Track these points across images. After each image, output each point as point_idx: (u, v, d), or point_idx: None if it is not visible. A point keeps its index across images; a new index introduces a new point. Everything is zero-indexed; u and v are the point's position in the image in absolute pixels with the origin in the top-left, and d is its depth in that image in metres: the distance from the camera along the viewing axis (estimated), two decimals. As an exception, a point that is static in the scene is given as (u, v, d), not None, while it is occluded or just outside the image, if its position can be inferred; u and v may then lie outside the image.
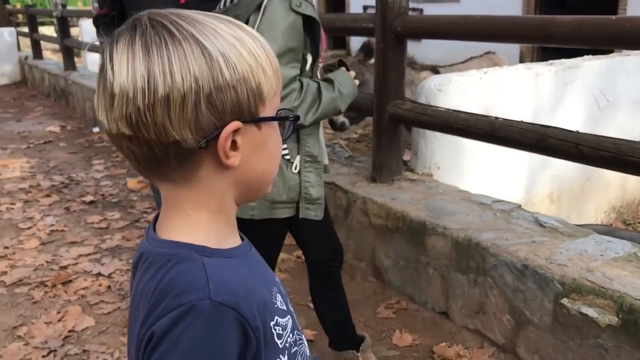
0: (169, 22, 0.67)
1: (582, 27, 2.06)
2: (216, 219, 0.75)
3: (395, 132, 3.18)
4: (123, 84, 0.65)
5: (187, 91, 0.65)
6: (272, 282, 0.79)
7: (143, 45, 0.66)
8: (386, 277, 3.06)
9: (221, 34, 0.68)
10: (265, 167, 0.76)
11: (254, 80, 0.69)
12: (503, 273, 2.39)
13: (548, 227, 2.58)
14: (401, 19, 2.91)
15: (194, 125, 0.67)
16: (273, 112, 0.75)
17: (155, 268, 0.70)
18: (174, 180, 0.72)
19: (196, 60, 0.65)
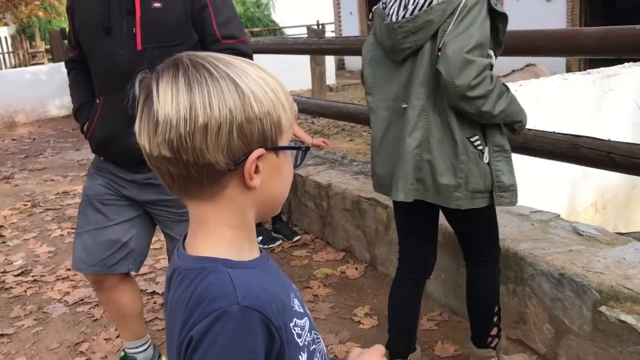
0: (207, 62, 0.79)
1: (608, 38, 2.10)
2: (238, 234, 0.85)
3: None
4: (168, 113, 0.76)
5: (223, 121, 0.77)
6: (289, 288, 0.89)
7: (186, 81, 0.77)
8: (428, 290, 3.11)
9: (250, 74, 0.80)
10: (279, 189, 0.87)
11: (276, 114, 0.81)
12: (541, 282, 2.42)
13: (586, 235, 2.59)
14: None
15: (227, 150, 0.78)
16: (287, 142, 0.86)
17: (187, 281, 0.81)
18: (203, 199, 0.83)
19: (231, 95, 0.77)
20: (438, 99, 1.97)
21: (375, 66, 2.16)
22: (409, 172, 2.03)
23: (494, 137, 2.01)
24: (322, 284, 3.40)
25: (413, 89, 2.00)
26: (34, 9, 14.52)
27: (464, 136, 1.98)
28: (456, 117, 1.95)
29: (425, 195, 2.05)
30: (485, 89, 1.87)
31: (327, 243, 3.96)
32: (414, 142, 2.00)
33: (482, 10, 1.87)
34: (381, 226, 3.38)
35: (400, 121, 2.06)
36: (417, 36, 1.94)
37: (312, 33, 10.35)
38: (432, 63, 1.94)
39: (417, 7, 1.94)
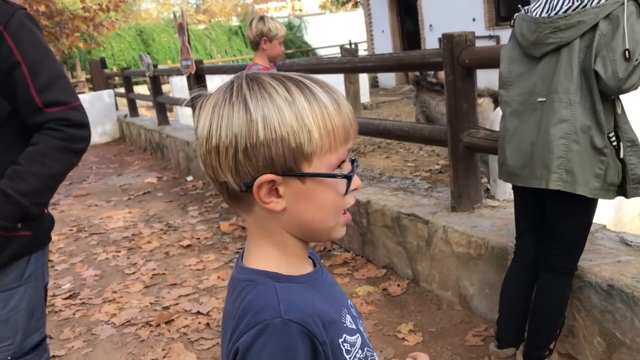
0: (238, 84, 0.82)
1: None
2: (283, 251, 0.86)
3: (471, 160, 3.24)
4: (199, 131, 0.82)
5: (229, 144, 0.79)
6: (342, 304, 0.90)
7: (215, 102, 0.81)
8: (473, 305, 3.08)
9: (274, 97, 0.79)
10: (314, 216, 0.84)
11: (294, 140, 0.79)
12: (589, 294, 2.37)
13: (635, 245, 2.53)
14: (468, 51, 3.00)
15: (235, 172, 0.80)
16: (327, 168, 0.82)
17: (238, 292, 0.84)
18: (245, 212, 0.86)
19: (239, 120, 0.78)
20: (583, 95, 2.09)
21: (512, 63, 2.30)
22: (552, 162, 2.13)
23: (627, 134, 2.13)
24: (365, 301, 3.39)
25: (559, 83, 2.11)
26: (75, 41, 14.98)
27: (606, 131, 2.09)
28: (603, 112, 2.08)
29: (564, 184, 2.13)
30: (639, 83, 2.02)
31: (367, 260, 3.95)
32: (559, 132, 2.11)
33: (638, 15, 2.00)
34: (422, 242, 3.37)
35: (535, 114, 2.19)
36: (566, 33, 2.08)
37: (346, 52, 10.43)
38: (580, 61, 2.07)
39: (571, 7, 2.06)
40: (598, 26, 2.02)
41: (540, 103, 2.17)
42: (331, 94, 0.83)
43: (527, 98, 2.22)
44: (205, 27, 28.48)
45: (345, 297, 0.95)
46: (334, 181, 0.84)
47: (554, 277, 2.31)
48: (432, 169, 6.25)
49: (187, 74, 7.15)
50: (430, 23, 15.47)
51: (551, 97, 2.13)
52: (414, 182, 4.16)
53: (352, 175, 0.85)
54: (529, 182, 2.22)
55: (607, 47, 2.00)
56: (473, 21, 13.88)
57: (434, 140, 3.54)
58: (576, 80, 2.08)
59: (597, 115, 2.08)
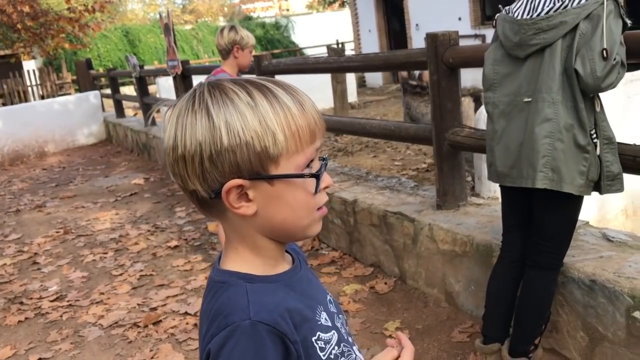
0: (200, 92, 0.82)
1: (627, 41, 2.11)
2: (257, 253, 0.87)
3: (456, 158, 3.26)
4: (166, 141, 0.83)
5: (195, 153, 0.79)
6: (318, 302, 0.90)
7: (178, 111, 0.82)
8: (459, 302, 3.11)
9: (236, 102, 0.80)
10: (286, 217, 0.84)
11: (259, 144, 0.79)
12: (572, 290, 2.40)
13: (616, 241, 2.57)
14: (452, 50, 3.03)
15: (202, 179, 0.81)
16: (295, 169, 0.83)
17: (212, 293, 0.85)
18: (217, 218, 0.87)
19: (202, 127, 0.79)
20: (566, 94, 2.12)
21: (496, 64, 2.33)
22: (538, 161, 2.16)
23: (605, 131, 2.17)
24: (352, 299, 3.41)
25: (542, 83, 2.14)
26: (60, 42, 14.89)
27: (588, 129, 2.13)
28: (584, 110, 2.11)
29: (551, 183, 2.16)
30: (619, 81, 2.07)
31: (355, 259, 3.97)
32: (544, 132, 2.14)
33: (619, 14, 2.05)
34: (408, 240, 3.39)
35: (521, 114, 2.23)
36: (548, 34, 2.12)
37: (332, 52, 10.44)
38: (562, 61, 2.10)
39: (553, 9, 2.10)
40: (579, 26, 2.05)
41: (526, 103, 2.20)
42: (294, 96, 0.83)
43: (514, 99, 2.25)
44: (192, 27, 28.38)
45: (324, 293, 0.95)
46: (303, 181, 0.84)
47: (540, 272, 2.34)
48: (419, 167, 6.28)
49: (173, 75, 7.14)
50: (417, 22, 15.52)
51: (536, 97, 2.16)
52: (401, 180, 4.18)
53: (319, 174, 0.85)
54: (517, 182, 2.25)
55: (586, 46, 2.03)
56: (459, 20, 13.95)
57: (419, 139, 3.57)
58: (558, 80, 2.11)
59: (579, 113, 2.12)
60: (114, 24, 24.96)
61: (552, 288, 2.36)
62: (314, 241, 4.36)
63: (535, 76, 2.17)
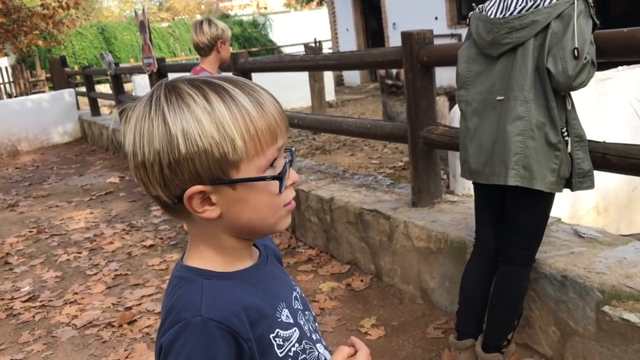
0: (157, 96, 0.80)
1: (597, 41, 2.14)
2: (220, 251, 0.87)
3: (430, 156, 3.29)
4: (126, 146, 0.82)
5: (153, 160, 0.79)
6: (280, 299, 0.90)
7: (136, 115, 0.80)
8: (433, 298, 3.14)
9: (192, 108, 0.78)
10: (250, 217, 0.84)
11: (218, 151, 0.78)
12: (544, 285, 2.44)
13: (587, 237, 2.62)
14: (426, 49, 3.05)
15: (164, 186, 0.80)
16: (257, 171, 0.82)
17: (171, 287, 0.86)
18: (184, 220, 0.86)
19: (159, 135, 0.78)
20: (537, 92, 2.15)
21: (470, 62, 2.34)
22: (510, 158, 2.18)
23: (575, 129, 2.20)
24: (329, 297, 3.42)
25: (514, 81, 2.17)
26: (34, 39, 14.62)
27: (560, 127, 2.16)
28: (556, 109, 2.14)
29: (522, 180, 2.18)
30: (589, 79, 2.11)
31: (331, 257, 3.98)
32: (516, 129, 2.16)
33: (589, 14, 2.08)
34: (384, 237, 3.41)
35: (494, 112, 2.25)
36: (521, 33, 2.14)
37: (309, 50, 10.43)
38: (534, 60, 2.13)
39: (525, 7, 2.13)
40: (550, 25, 2.08)
41: (499, 101, 2.22)
42: (253, 95, 0.81)
43: (487, 97, 2.28)
44: (169, 24, 28.15)
45: (290, 290, 0.95)
46: (265, 183, 0.83)
47: (513, 268, 2.37)
48: (395, 166, 6.31)
49: (149, 72, 7.07)
50: (394, 21, 15.59)
51: (508, 95, 2.19)
52: (377, 178, 4.20)
53: (282, 175, 0.84)
54: (490, 179, 2.28)
55: (558, 45, 2.06)
56: (435, 20, 14.04)
57: (395, 137, 3.59)
58: (530, 78, 2.14)
59: (550, 112, 2.15)
60: (89, 21, 24.61)
61: (525, 284, 2.40)
62: (290, 239, 4.36)
63: (508, 74, 2.20)
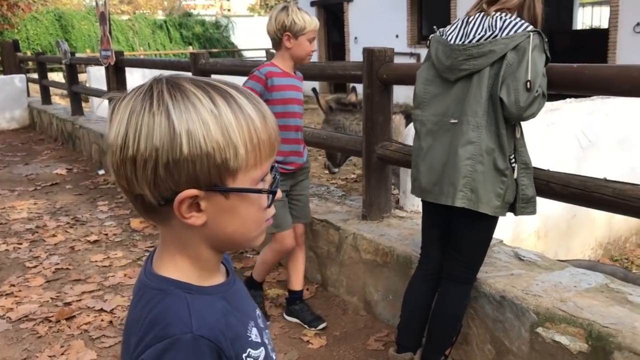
0: (159, 91, 0.76)
1: (549, 74, 2.25)
2: (196, 263, 0.84)
3: (383, 172, 3.35)
4: (112, 138, 0.77)
5: (148, 157, 0.74)
6: (249, 317, 0.89)
7: (131, 108, 0.76)
8: (376, 311, 3.19)
9: (198, 109, 0.75)
10: (235, 229, 0.82)
11: (220, 156, 0.76)
12: (483, 304, 2.52)
13: (527, 260, 2.72)
14: (386, 66, 3.12)
15: (153, 186, 0.76)
16: (251, 183, 0.80)
17: (146, 299, 0.81)
18: (159, 223, 0.83)
19: (161, 132, 0.74)
20: (490, 119, 2.22)
21: (427, 84, 2.40)
22: (459, 180, 2.24)
23: (522, 156, 2.30)
24: (273, 304, 3.43)
25: (468, 107, 2.23)
26: (-14, 20, 14.19)
27: (508, 154, 2.24)
28: (506, 136, 2.22)
29: (469, 202, 2.25)
30: (539, 110, 2.21)
31: (279, 263, 3.99)
32: (466, 153, 2.23)
33: (542, 49, 2.17)
34: (333, 247, 3.45)
35: (447, 134, 2.31)
36: (478, 61, 2.21)
37: (271, 56, 10.46)
38: (489, 88, 2.20)
39: (484, 37, 2.20)
40: (506, 56, 2.17)
41: (452, 124, 2.29)
42: (257, 106, 0.80)
43: (441, 119, 2.34)
44: (129, 18, 27.65)
45: (254, 308, 0.94)
46: (258, 196, 0.82)
47: (455, 286, 2.44)
48: (348, 177, 6.39)
49: (106, 65, 6.95)
50: (356, 36, 15.80)
51: (461, 120, 2.26)
52: (329, 189, 4.25)
53: (275, 190, 0.84)
54: (438, 199, 2.34)
55: (512, 77, 2.14)
56: (396, 37, 14.29)
57: (350, 150, 3.65)
58: (484, 105, 2.22)
59: (500, 139, 2.23)
60: (47, 6, 23.97)
61: (465, 302, 2.47)
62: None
63: (463, 99, 2.27)
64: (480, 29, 2.24)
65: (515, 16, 2.24)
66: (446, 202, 2.29)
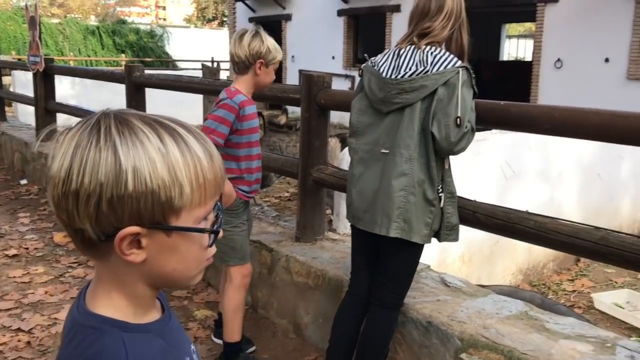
0: (106, 126, 0.76)
1: (478, 109, 2.36)
2: (133, 301, 0.83)
3: (318, 194, 3.39)
4: (55, 170, 0.76)
5: (92, 192, 0.74)
6: (186, 353, 0.89)
7: (77, 141, 0.75)
8: (306, 334, 3.20)
9: (146, 146, 0.76)
10: (175, 267, 0.82)
11: (165, 194, 0.76)
12: (411, 329, 2.58)
13: (452, 286, 2.81)
14: (324, 92, 3.18)
15: (95, 221, 0.75)
16: (194, 221, 0.81)
17: (80, 338, 0.79)
18: (97, 258, 0.81)
19: (107, 167, 0.74)
20: (421, 151, 2.28)
21: (361, 114, 2.45)
22: (393, 211, 2.29)
23: (449, 187, 2.39)
24: (202, 325, 3.38)
25: (401, 139, 2.29)
26: None
27: (437, 185, 2.32)
28: (435, 168, 2.29)
29: (402, 232, 2.30)
30: (469, 144, 2.31)
31: (208, 284, 3.94)
32: (400, 185, 2.28)
33: (470, 84, 2.26)
34: (265, 269, 3.44)
35: (378, 163, 2.37)
36: (410, 95, 2.27)
37: (207, 70, 10.38)
38: (420, 121, 2.27)
39: (415, 72, 2.26)
40: (437, 91, 2.24)
41: (383, 154, 2.35)
42: (204, 145, 0.81)
43: (372, 148, 2.40)
44: (60, 21, 26.73)
45: (189, 342, 0.94)
46: (200, 235, 0.82)
47: (383, 311, 2.49)
48: (281, 196, 6.41)
49: (34, 71, 6.70)
50: (293, 54, 15.92)
51: (394, 151, 2.32)
52: (263, 208, 4.25)
53: (219, 230, 0.84)
54: (370, 227, 2.38)
55: (442, 112, 2.23)
56: (332, 59, 14.52)
57: (286, 172, 3.67)
58: (416, 139, 2.29)
59: (430, 170, 2.31)
60: (-31, 4, 22.84)
61: (393, 327, 2.53)
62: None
63: (394, 131, 2.33)
64: (411, 62, 2.31)
65: (444, 50, 2.32)
66: (380, 231, 2.35)
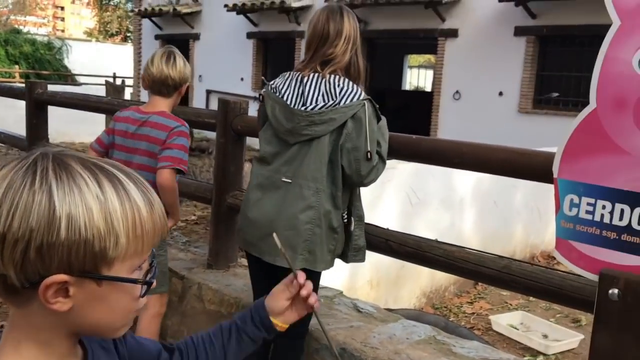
0: (43, 168, 0.72)
1: (392, 142, 2.47)
2: (45, 350, 0.78)
3: (232, 221, 3.38)
4: None
5: (20, 237, 0.70)
6: None
7: (9, 181, 0.72)
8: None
9: (84, 192, 0.72)
10: (101, 318, 0.78)
11: (99, 244, 0.73)
12: (325, 356, 2.62)
13: (364, 312, 2.90)
14: (241, 118, 3.19)
15: (20, 267, 0.71)
16: (128, 272, 0.78)
17: None
18: (13, 304, 0.77)
19: (39, 212, 0.70)
20: (329, 183, 2.30)
21: (267, 144, 2.42)
22: (299, 244, 2.28)
23: (358, 211, 2.45)
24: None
25: (308, 171, 2.29)
26: None
27: (341, 212, 2.37)
28: (341, 197, 2.33)
29: (306, 263, 2.28)
30: (379, 176, 2.37)
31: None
32: (306, 218, 2.27)
33: (375, 115, 2.32)
34: (175, 297, 3.37)
35: (278, 192, 2.34)
36: (319, 127, 2.27)
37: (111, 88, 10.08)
38: (328, 153, 2.29)
39: (325, 105, 2.27)
40: (346, 124, 2.27)
41: (284, 183, 2.33)
42: (145, 193, 0.78)
43: (273, 175, 2.36)
44: (-55, 27, 24.97)
45: None
46: (132, 285, 0.79)
47: (288, 342, 2.45)
48: (188, 219, 6.29)
49: None
50: (201, 74, 15.77)
51: (299, 182, 2.30)
52: (172, 234, 4.17)
53: (152, 280, 0.81)
54: (268, 257, 2.33)
55: (352, 146, 2.26)
56: (241, 80, 14.53)
57: (199, 198, 3.64)
58: (324, 171, 2.30)
59: (336, 200, 2.33)
60: None
61: (299, 355, 2.52)
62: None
63: (300, 161, 2.31)
64: (316, 93, 2.30)
65: (348, 81, 2.33)
66: (285, 264, 2.24)
